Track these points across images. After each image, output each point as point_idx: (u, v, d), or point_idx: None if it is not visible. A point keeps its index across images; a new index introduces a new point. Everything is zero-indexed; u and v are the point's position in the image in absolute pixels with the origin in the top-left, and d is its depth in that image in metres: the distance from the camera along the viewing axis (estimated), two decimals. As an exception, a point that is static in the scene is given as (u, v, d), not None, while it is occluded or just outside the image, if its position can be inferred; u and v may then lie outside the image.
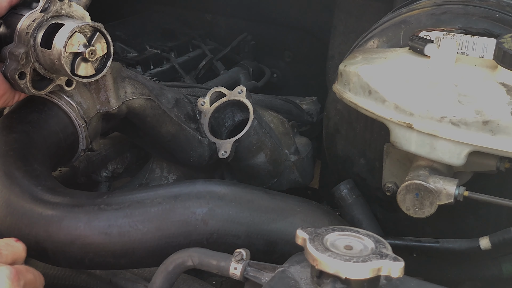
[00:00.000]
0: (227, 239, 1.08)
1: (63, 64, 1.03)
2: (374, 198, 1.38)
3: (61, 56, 1.02)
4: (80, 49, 1.04)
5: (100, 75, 1.09)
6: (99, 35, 1.07)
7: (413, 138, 1.08)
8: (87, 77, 1.07)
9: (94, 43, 1.06)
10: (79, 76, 1.06)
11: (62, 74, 1.07)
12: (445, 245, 1.22)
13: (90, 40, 1.05)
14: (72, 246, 1.03)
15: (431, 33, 1.17)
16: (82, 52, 1.04)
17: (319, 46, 1.95)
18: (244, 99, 1.36)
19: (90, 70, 1.07)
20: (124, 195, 1.10)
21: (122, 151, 1.54)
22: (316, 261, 0.80)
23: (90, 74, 1.08)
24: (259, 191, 1.18)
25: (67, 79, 1.10)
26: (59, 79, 1.09)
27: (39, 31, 1.04)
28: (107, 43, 1.08)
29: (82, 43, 1.04)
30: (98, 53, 1.07)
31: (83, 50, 1.04)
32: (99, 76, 1.09)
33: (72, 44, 1.03)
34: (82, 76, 1.06)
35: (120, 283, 1.21)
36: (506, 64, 1.01)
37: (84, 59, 1.05)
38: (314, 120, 1.75)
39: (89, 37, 1.05)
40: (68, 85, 1.11)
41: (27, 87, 1.05)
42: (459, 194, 1.08)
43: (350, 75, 1.15)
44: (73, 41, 1.03)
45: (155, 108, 1.26)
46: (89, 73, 1.07)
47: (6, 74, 1.05)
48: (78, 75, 1.06)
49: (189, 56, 2.02)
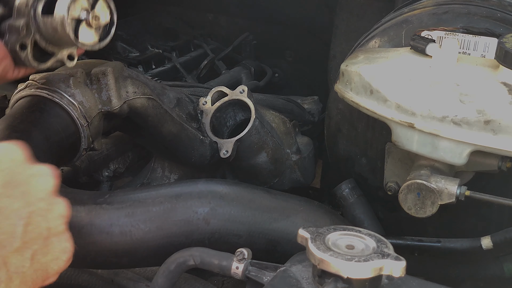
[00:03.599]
0: (229, 239, 1.08)
1: (67, 29, 0.99)
2: (375, 198, 1.38)
3: (64, 22, 0.98)
4: (83, 16, 1.00)
5: (104, 43, 1.06)
6: (101, 2, 1.03)
7: (414, 137, 1.08)
8: (90, 45, 1.04)
9: (97, 9, 1.02)
10: (82, 43, 1.03)
11: (64, 44, 1.04)
12: (447, 245, 1.22)
13: (92, 7, 1.02)
14: (74, 245, 1.03)
15: (432, 33, 1.17)
16: (85, 19, 1.01)
17: (321, 46, 1.95)
18: (246, 99, 1.36)
19: (93, 37, 1.04)
20: (125, 194, 1.10)
21: (124, 151, 1.54)
22: (317, 261, 0.80)
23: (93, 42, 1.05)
24: (260, 190, 1.18)
25: (69, 53, 1.07)
26: (60, 53, 1.06)
27: (40, 1, 1.00)
28: (110, 11, 1.05)
29: (84, 8, 1.01)
30: (101, 20, 1.04)
31: (86, 16, 1.00)
32: (103, 43, 1.06)
33: (75, 8, 0.99)
34: (85, 44, 1.03)
35: (122, 282, 1.21)
36: (507, 63, 1.01)
37: (88, 26, 1.02)
38: (315, 120, 1.74)
39: (91, 4, 1.02)
40: (70, 58, 1.08)
41: (28, 60, 1.02)
42: (460, 194, 1.08)
43: (352, 75, 1.15)
44: (76, 5, 0.99)
45: (156, 108, 1.26)
46: (92, 40, 1.04)
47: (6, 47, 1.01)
48: (82, 42, 1.02)
49: (191, 56, 2.02)
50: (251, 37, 2.10)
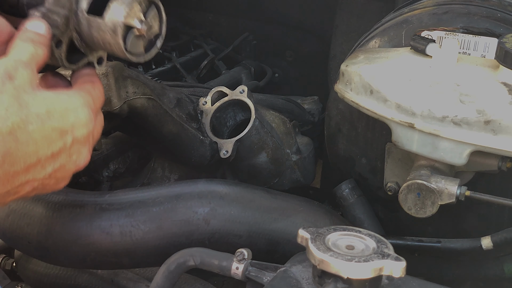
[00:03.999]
0: (229, 239, 1.08)
1: (118, 36, 0.87)
2: (375, 198, 1.38)
3: (117, 28, 0.86)
4: (136, 24, 0.88)
5: (149, 55, 0.94)
6: (154, 10, 0.91)
7: (414, 137, 1.07)
8: (136, 55, 0.92)
9: (149, 18, 0.90)
10: (130, 52, 0.90)
11: (102, 49, 0.92)
12: (447, 245, 1.22)
13: (145, 15, 0.90)
14: (74, 245, 1.04)
15: (432, 33, 1.17)
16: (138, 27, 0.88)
17: (321, 46, 1.95)
18: (246, 99, 1.36)
19: (140, 48, 0.92)
20: (125, 194, 1.10)
21: (124, 151, 1.53)
22: (318, 261, 0.80)
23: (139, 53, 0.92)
24: (260, 190, 1.18)
25: (100, 56, 0.96)
26: (91, 55, 0.94)
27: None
28: (160, 21, 0.93)
29: (138, 16, 0.89)
30: (152, 30, 0.92)
31: (140, 25, 0.88)
32: (148, 56, 0.93)
33: (131, 15, 0.87)
34: (133, 53, 0.91)
35: (122, 282, 1.21)
36: (507, 63, 1.01)
37: (137, 35, 0.89)
38: (315, 120, 1.74)
39: (145, 12, 0.90)
40: (99, 63, 0.96)
41: (62, 59, 0.90)
42: (460, 194, 1.08)
43: (352, 75, 1.15)
44: (133, 12, 0.87)
45: (156, 108, 1.26)
46: (139, 51, 0.92)
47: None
48: (130, 51, 0.90)
49: (191, 56, 2.02)
50: (251, 37, 2.10)
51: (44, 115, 0.79)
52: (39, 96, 0.80)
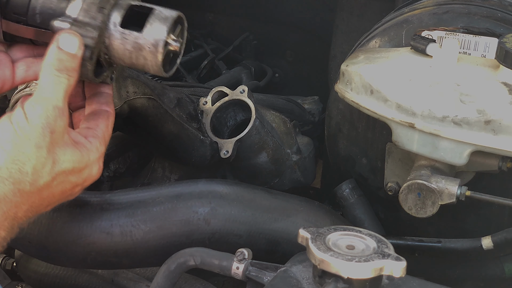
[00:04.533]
0: (229, 239, 1.08)
1: (159, 53, 0.84)
2: (376, 198, 1.38)
3: (159, 44, 0.83)
4: (173, 42, 0.85)
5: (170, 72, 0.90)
6: (179, 28, 0.88)
7: (415, 137, 1.07)
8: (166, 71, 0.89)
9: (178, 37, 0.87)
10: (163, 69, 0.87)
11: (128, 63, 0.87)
12: (447, 245, 1.22)
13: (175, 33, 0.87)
14: (74, 245, 1.04)
15: (433, 33, 1.17)
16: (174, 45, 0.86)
17: (321, 46, 1.95)
18: (246, 99, 1.35)
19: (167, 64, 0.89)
20: (126, 194, 1.10)
21: (124, 151, 1.53)
22: (318, 261, 0.80)
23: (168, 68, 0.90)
24: (261, 190, 1.18)
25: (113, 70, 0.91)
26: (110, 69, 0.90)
27: (116, 9, 0.84)
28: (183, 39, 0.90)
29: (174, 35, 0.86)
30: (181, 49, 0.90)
31: (175, 43, 0.86)
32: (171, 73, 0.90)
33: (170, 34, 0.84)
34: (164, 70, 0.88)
35: (122, 282, 1.21)
36: (508, 63, 1.01)
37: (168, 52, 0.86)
38: (316, 120, 1.74)
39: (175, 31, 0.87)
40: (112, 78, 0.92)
41: (89, 74, 0.86)
42: (461, 194, 1.08)
43: (352, 75, 1.15)
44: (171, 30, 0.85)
45: (157, 108, 1.26)
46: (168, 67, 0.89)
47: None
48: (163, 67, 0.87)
49: (191, 56, 2.02)
50: (251, 37, 2.10)
51: (68, 172, 0.84)
52: (68, 153, 0.83)
